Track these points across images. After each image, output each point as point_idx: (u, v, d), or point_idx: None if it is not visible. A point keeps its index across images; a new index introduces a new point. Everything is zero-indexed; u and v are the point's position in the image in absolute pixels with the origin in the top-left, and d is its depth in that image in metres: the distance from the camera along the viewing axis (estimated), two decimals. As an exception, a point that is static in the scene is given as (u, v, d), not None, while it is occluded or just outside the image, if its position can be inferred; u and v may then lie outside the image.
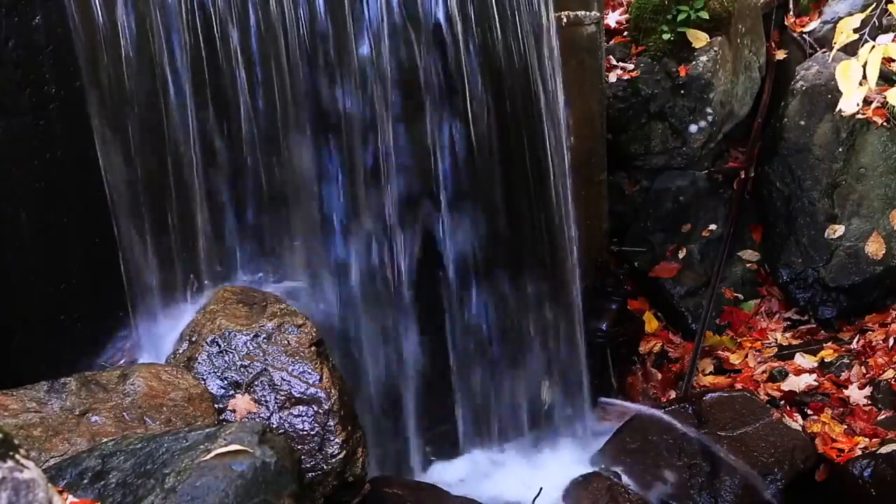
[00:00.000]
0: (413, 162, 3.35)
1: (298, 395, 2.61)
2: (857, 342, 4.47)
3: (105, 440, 2.23)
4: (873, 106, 4.55)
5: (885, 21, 4.33)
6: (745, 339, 4.67)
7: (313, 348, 2.69)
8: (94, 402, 2.43)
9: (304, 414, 2.59)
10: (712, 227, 4.87)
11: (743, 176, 4.96)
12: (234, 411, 2.59)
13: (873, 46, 2.79)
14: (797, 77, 4.87)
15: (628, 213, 4.87)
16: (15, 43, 2.56)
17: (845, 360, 4.37)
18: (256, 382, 2.62)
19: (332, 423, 2.58)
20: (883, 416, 4.01)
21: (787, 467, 3.60)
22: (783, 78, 5.05)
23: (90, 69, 2.68)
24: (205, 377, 2.63)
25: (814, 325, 4.68)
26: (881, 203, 4.59)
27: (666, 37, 4.72)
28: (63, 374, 2.51)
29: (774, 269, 4.81)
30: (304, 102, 3.08)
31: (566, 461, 3.74)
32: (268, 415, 2.58)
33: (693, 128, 4.77)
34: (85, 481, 2.00)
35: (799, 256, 4.71)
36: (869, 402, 4.13)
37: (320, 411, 2.59)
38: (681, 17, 4.68)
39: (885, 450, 3.54)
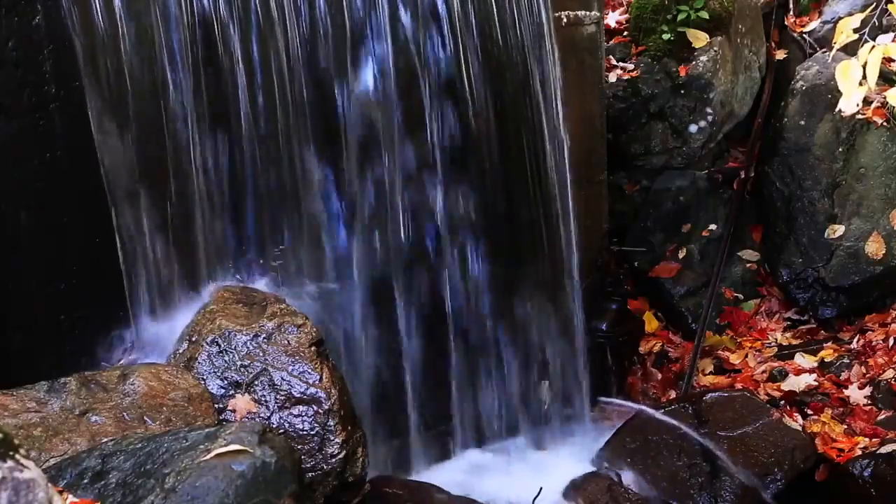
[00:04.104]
0: (411, 157, 3.35)
1: (298, 395, 2.61)
2: (857, 342, 4.47)
3: (105, 440, 2.23)
4: (873, 106, 4.55)
5: (885, 21, 4.33)
6: (745, 339, 4.67)
7: (313, 348, 2.69)
8: (94, 402, 2.43)
9: (304, 414, 2.59)
10: (712, 227, 4.86)
11: (743, 176, 4.95)
12: (234, 411, 2.59)
13: (873, 46, 2.79)
14: (797, 77, 4.87)
15: (628, 213, 4.87)
16: (15, 43, 2.56)
17: (845, 360, 4.36)
18: (256, 382, 2.62)
19: (332, 423, 2.59)
20: (883, 416, 4.01)
21: (787, 467, 3.59)
22: (783, 78, 5.05)
23: (90, 69, 2.68)
24: (205, 377, 2.63)
25: (814, 325, 4.68)
26: (881, 203, 4.59)
27: (666, 37, 4.72)
28: (63, 374, 2.51)
29: (774, 269, 4.81)
30: (303, 102, 3.08)
31: (566, 461, 3.73)
32: (268, 415, 2.58)
33: (693, 128, 4.77)
34: (85, 481, 2.00)
35: (799, 256, 4.71)
36: (869, 402, 4.12)
37: (320, 411, 2.59)
38: (681, 17, 4.68)
39: (885, 450, 3.54)
